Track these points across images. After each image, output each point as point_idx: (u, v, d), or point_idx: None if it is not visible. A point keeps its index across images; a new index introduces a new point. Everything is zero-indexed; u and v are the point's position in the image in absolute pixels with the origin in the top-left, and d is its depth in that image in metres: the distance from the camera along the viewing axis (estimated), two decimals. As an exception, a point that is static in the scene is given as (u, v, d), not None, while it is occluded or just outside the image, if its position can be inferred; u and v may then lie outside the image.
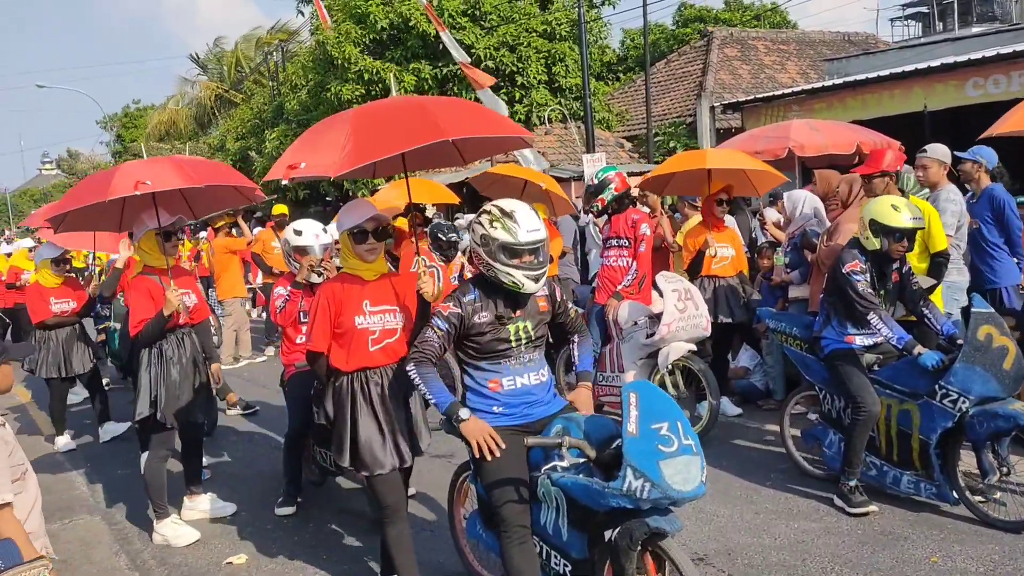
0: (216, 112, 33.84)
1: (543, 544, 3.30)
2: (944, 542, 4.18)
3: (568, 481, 3.04)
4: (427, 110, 3.76)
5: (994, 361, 4.23)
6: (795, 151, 8.23)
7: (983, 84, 10.48)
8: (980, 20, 27.22)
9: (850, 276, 4.56)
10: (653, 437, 2.79)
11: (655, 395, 2.92)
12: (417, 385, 3.23)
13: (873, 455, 4.74)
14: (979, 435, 4.26)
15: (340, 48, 17.47)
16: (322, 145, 3.74)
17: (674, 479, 2.75)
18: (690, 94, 19.18)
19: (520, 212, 3.25)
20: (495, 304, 3.34)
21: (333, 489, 5.51)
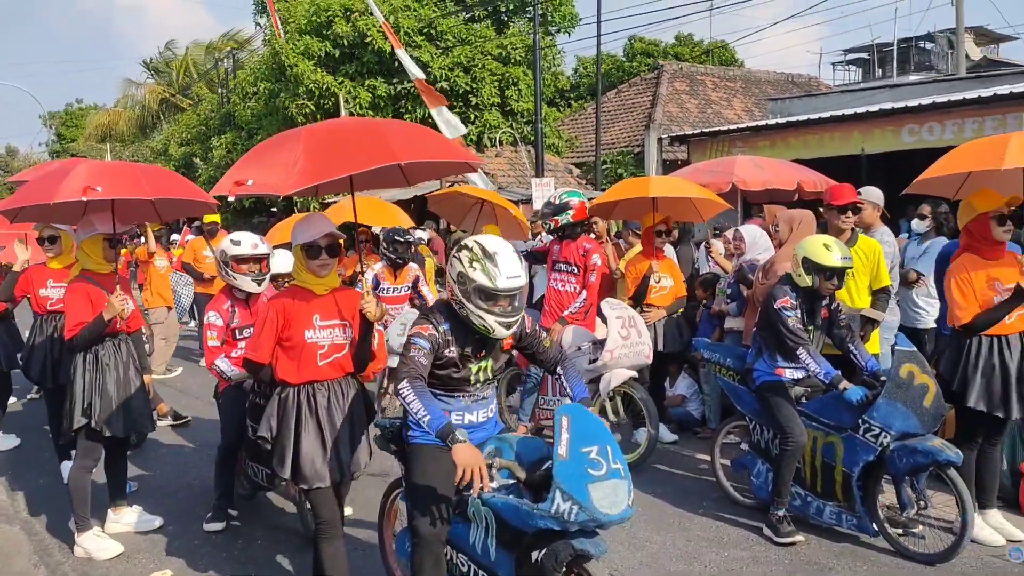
0: (161, 116, 33.23)
1: (471, 563, 3.32)
2: (867, 574, 4.29)
3: (498, 501, 3.07)
4: (379, 133, 3.76)
5: (915, 398, 4.38)
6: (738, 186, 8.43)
7: (918, 131, 10.88)
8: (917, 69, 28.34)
9: (781, 312, 4.71)
10: (583, 460, 2.82)
11: (587, 418, 2.96)
12: (409, 401, 3.06)
13: (799, 486, 4.85)
14: (899, 469, 4.40)
15: (293, 60, 17.33)
16: (271, 162, 3.69)
17: (601, 502, 2.79)
18: (639, 125, 19.51)
19: (502, 255, 3.17)
20: (462, 341, 3.28)
21: (264, 505, 5.42)
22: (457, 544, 3.39)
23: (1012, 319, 4.47)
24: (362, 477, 4.80)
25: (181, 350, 11.42)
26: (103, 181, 4.21)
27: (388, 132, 3.76)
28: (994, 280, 4.46)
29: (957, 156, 4.64)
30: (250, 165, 3.78)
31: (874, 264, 5.42)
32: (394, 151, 3.59)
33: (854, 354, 4.84)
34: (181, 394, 8.84)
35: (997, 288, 4.45)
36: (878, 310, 5.43)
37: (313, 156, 3.55)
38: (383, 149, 3.60)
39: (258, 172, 3.67)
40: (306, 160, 3.50)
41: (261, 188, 3.65)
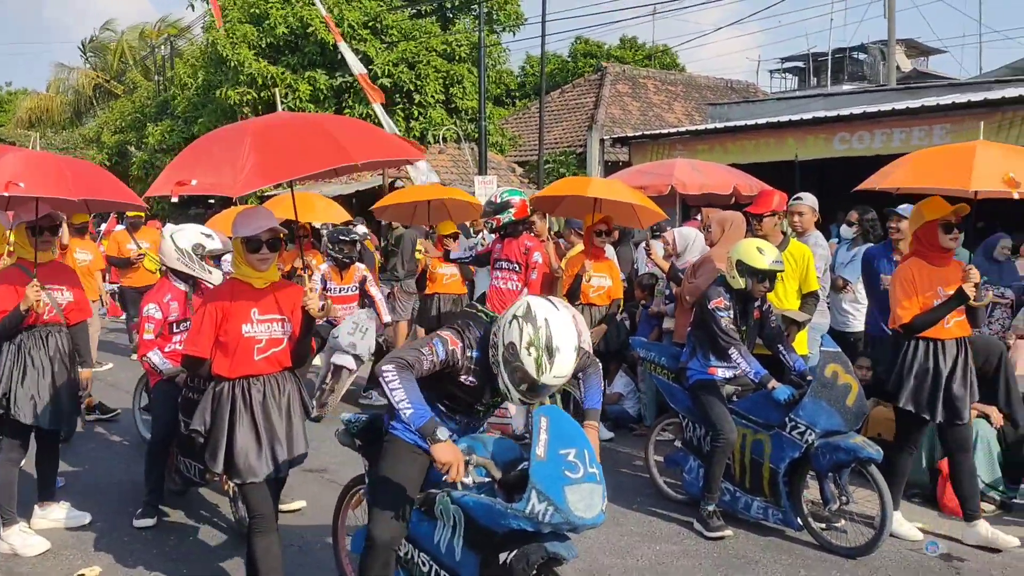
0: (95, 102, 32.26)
1: (433, 563, 3.23)
2: (791, 567, 4.44)
3: (470, 500, 3.00)
4: (329, 132, 3.64)
5: (838, 397, 4.57)
6: (677, 188, 8.59)
7: (849, 139, 11.22)
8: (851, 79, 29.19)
9: (715, 312, 4.87)
10: (560, 462, 2.78)
11: (565, 421, 2.92)
12: (393, 389, 2.92)
13: (728, 482, 5.00)
14: (822, 465, 4.57)
15: (233, 49, 17.03)
16: (216, 161, 3.55)
17: (577, 505, 2.75)
18: (581, 125, 19.70)
19: (563, 354, 2.92)
20: (483, 378, 3.15)
21: (197, 500, 5.34)
22: (420, 543, 3.29)
23: (950, 324, 4.55)
24: (298, 472, 4.78)
25: (109, 344, 11.15)
26: (27, 176, 4.02)
27: (338, 131, 3.67)
28: (938, 286, 4.53)
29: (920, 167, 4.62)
30: (191, 163, 3.63)
31: (803, 268, 5.59)
32: (348, 151, 3.52)
33: (783, 354, 5.01)
34: (111, 388, 8.63)
35: (940, 294, 4.52)
36: (806, 313, 5.60)
37: (262, 156, 3.43)
38: (336, 149, 3.52)
39: (202, 172, 3.53)
40: (256, 160, 3.39)
41: (207, 188, 3.54)
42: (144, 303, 4.99)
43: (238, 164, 3.37)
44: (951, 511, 5.12)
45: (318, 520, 4.96)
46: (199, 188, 3.49)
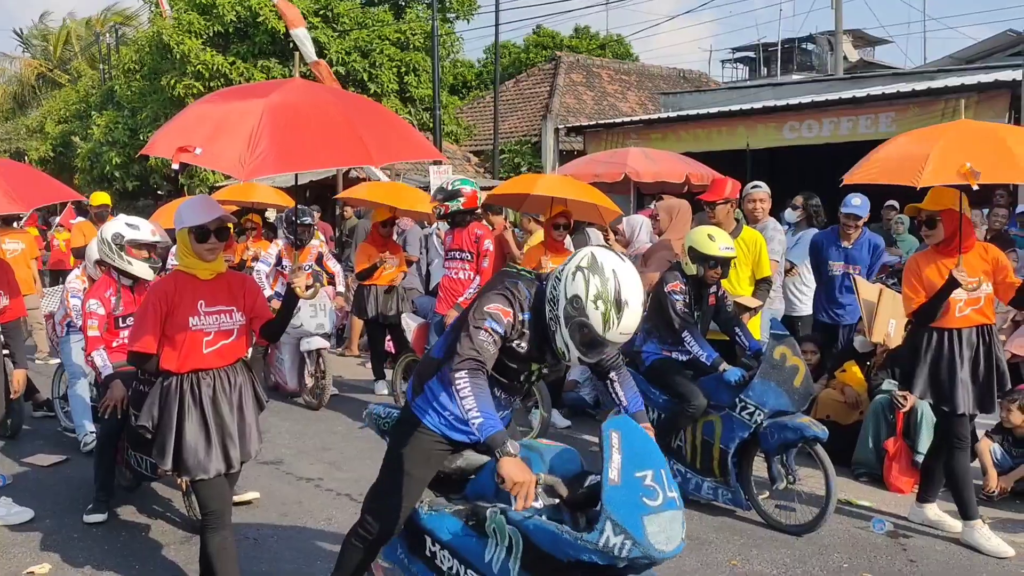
0: (38, 92, 31.38)
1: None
2: (743, 547, 4.53)
3: (531, 523, 2.65)
4: (354, 127, 3.35)
5: (787, 378, 4.71)
6: (631, 176, 8.68)
7: (798, 128, 11.43)
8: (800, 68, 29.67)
9: (671, 295, 5.00)
10: (637, 487, 2.46)
11: (639, 437, 2.59)
12: (464, 397, 2.71)
13: (680, 463, 5.12)
14: (770, 445, 4.70)
15: (179, 40, 16.68)
16: (224, 131, 3.21)
17: (658, 537, 2.43)
18: (536, 115, 19.71)
19: (631, 309, 2.70)
20: (536, 340, 2.91)
21: (148, 496, 5.26)
22: (468, 560, 2.96)
23: (965, 312, 4.39)
24: (253, 464, 4.75)
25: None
26: None
27: (361, 125, 3.38)
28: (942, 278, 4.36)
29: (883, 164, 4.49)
30: (195, 127, 3.30)
31: (756, 255, 5.68)
32: (370, 153, 3.27)
33: (739, 336, 5.16)
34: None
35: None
36: (758, 299, 5.70)
37: (279, 139, 3.13)
38: (359, 148, 3.27)
39: (208, 140, 3.19)
40: (271, 142, 3.10)
41: (211, 161, 3.27)
42: (85, 300, 4.88)
43: (250, 142, 3.08)
44: (897, 489, 5.26)
45: (273, 512, 4.94)
46: (203, 159, 3.19)
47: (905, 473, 5.30)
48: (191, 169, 17.45)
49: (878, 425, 5.50)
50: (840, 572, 4.26)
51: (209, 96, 3.64)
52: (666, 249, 6.30)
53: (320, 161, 3.32)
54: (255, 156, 3.05)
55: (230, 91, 3.72)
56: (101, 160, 19.09)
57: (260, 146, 3.07)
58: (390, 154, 3.47)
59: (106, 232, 4.90)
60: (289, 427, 6.81)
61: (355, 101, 3.79)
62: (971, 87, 10.02)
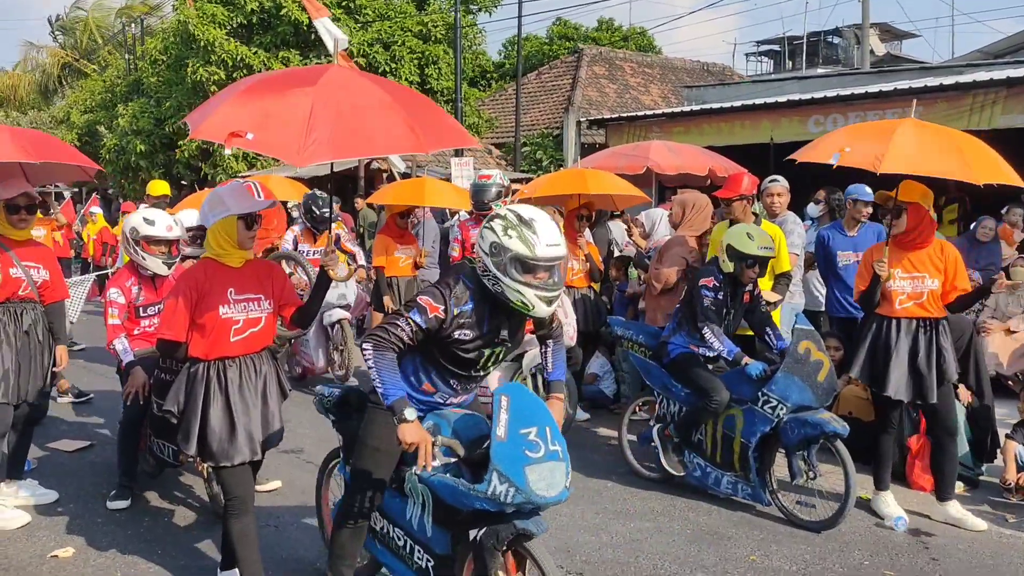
0: (64, 82, 31.69)
1: (407, 538, 3.30)
2: (763, 542, 4.51)
3: (436, 480, 3.01)
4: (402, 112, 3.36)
5: (810, 373, 4.67)
6: (653, 169, 8.62)
7: (823, 122, 11.28)
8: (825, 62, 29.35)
9: (702, 290, 4.97)
10: (521, 442, 2.79)
11: (527, 398, 2.92)
12: (370, 367, 2.98)
13: (699, 457, 5.12)
14: (791, 440, 4.68)
15: (204, 29, 16.78)
16: (275, 118, 3.21)
17: (538, 484, 2.77)
18: (558, 107, 19.65)
19: (540, 222, 2.96)
20: (486, 323, 3.08)
21: (170, 482, 5.31)
22: (394, 519, 3.37)
23: (906, 304, 4.64)
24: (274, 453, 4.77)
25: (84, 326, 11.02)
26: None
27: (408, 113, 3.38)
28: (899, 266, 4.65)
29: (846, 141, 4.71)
30: (245, 112, 3.28)
31: (776, 249, 5.63)
32: (420, 140, 3.28)
33: (769, 335, 5.10)
34: (85, 371, 8.55)
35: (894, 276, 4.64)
36: (778, 293, 5.66)
37: (333, 126, 3.13)
38: (409, 136, 3.29)
39: (259, 126, 3.18)
40: (325, 129, 3.10)
41: (265, 147, 3.28)
42: (107, 288, 4.94)
43: (303, 128, 3.09)
44: (919, 487, 5.21)
45: (294, 500, 4.97)
46: (255, 144, 3.20)
47: (927, 471, 5.23)
48: (214, 159, 17.57)
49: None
50: (860, 570, 4.23)
51: (250, 82, 3.55)
52: (680, 245, 6.27)
53: (374, 148, 3.31)
54: (310, 142, 3.06)
55: (271, 77, 3.66)
56: (127, 150, 19.24)
57: (315, 132, 3.09)
58: (440, 141, 3.50)
59: (127, 224, 4.98)
60: (310, 417, 6.82)
61: (399, 89, 3.80)
62: (1000, 82, 9.85)
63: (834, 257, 6.29)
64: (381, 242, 7.93)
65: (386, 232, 8.02)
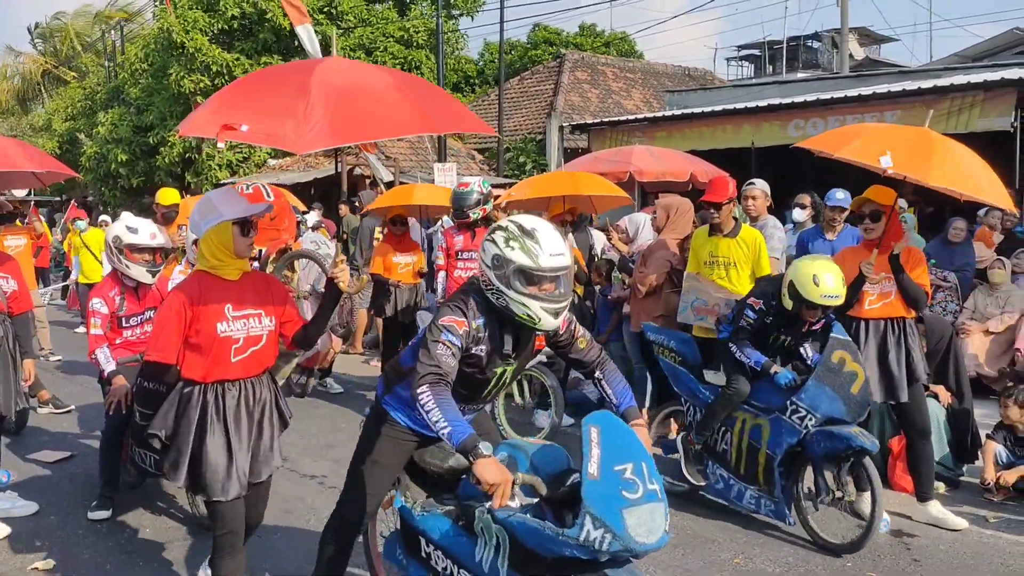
0: (43, 89, 31.44)
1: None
2: (747, 545, 4.53)
3: (515, 521, 2.67)
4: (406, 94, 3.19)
5: (843, 384, 4.42)
6: (635, 175, 8.67)
7: (803, 126, 11.37)
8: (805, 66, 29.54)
9: (745, 308, 4.73)
10: (616, 481, 2.48)
11: (619, 430, 2.63)
12: (429, 410, 2.71)
13: (723, 468, 4.91)
14: (816, 453, 4.43)
15: (187, 36, 16.72)
16: (272, 107, 3.02)
17: (638, 530, 2.44)
18: (541, 112, 19.70)
19: (542, 231, 2.85)
20: (495, 338, 2.96)
21: (152, 492, 5.27)
22: (459, 560, 2.98)
23: (875, 305, 4.69)
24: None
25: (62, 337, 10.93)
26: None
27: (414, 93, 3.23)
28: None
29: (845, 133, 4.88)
30: (240, 103, 3.10)
31: (755, 253, 5.65)
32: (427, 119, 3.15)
33: (804, 349, 4.81)
34: (65, 381, 8.48)
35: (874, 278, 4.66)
36: None
37: (334, 111, 2.94)
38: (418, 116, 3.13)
39: (255, 116, 3.00)
40: (326, 114, 2.92)
41: (261, 138, 3.11)
42: (89, 298, 4.91)
43: (302, 115, 2.89)
44: (901, 488, 5.25)
45: (276, 509, 4.93)
46: (250, 135, 2.97)
47: (909, 472, 5.27)
48: (196, 166, 17.49)
49: (883, 424, 5.49)
50: (844, 571, 4.25)
51: (244, 79, 3.38)
52: (663, 248, 6.29)
53: (380, 131, 3.11)
54: (310, 128, 2.86)
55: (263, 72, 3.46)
56: (107, 158, 19.13)
57: (313, 118, 2.88)
58: (450, 123, 3.32)
59: (109, 233, 4.94)
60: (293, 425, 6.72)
61: (401, 74, 3.63)
62: (977, 85, 9.96)
63: None
64: (380, 249, 7.94)
65: (385, 239, 8.05)
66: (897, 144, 4.42)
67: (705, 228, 5.81)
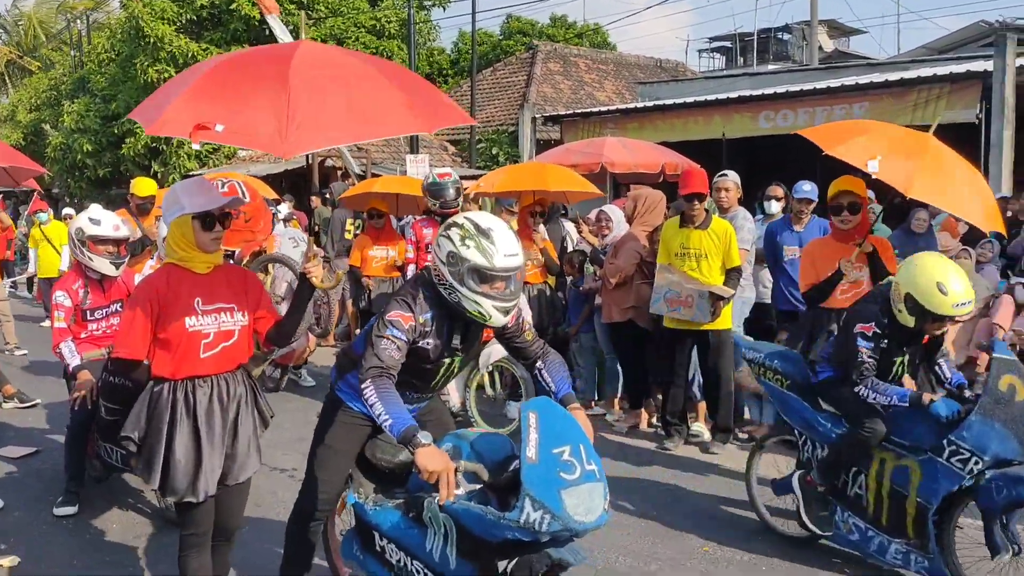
0: (7, 79, 30.85)
1: (427, 572, 2.96)
2: (716, 533, 4.57)
3: (460, 509, 2.72)
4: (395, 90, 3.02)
5: (1016, 418, 3.63)
6: (607, 167, 8.70)
7: (773, 117, 11.49)
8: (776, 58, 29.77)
9: (857, 339, 3.90)
10: (554, 463, 2.54)
11: (556, 415, 2.70)
12: (372, 404, 2.79)
13: (858, 516, 4.09)
14: (994, 504, 3.62)
15: (153, 25, 16.47)
16: (250, 104, 2.82)
17: (576, 510, 2.50)
18: (513, 104, 19.66)
19: (498, 231, 2.90)
20: (445, 332, 3.02)
21: (119, 487, 5.21)
22: (412, 551, 3.01)
23: (847, 295, 4.75)
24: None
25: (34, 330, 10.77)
26: None
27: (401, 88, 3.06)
28: (835, 262, 4.74)
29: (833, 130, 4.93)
30: (214, 100, 2.87)
31: (726, 245, 5.71)
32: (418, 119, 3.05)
33: (939, 367, 4.10)
34: (31, 376, 8.35)
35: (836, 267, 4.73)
36: (729, 287, 5.73)
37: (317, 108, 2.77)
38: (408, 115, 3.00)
39: (231, 115, 2.79)
40: (308, 113, 2.73)
41: (239, 139, 2.97)
42: (52, 291, 4.84)
43: (284, 114, 2.69)
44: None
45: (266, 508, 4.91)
46: (227, 136, 2.79)
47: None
48: (164, 156, 17.26)
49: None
50: (812, 561, 4.30)
51: (207, 66, 3.11)
52: (633, 240, 6.33)
53: (371, 131, 2.99)
54: (294, 129, 2.69)
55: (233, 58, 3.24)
56: (73, 148, 18.82)
57: (297, 117, 2.70)
58: (439, 118, 3.19)
59: (72, 225, 4.87)
60: (264, 418, 6.77)
61: (384, 63, 3.42)
62: (943, 77, 10.11)
63: (780, 251, 6.41)
64: (359, 242, 7.92)
65: (365, 232, 8.04)
66: (895, 148, 4.29)
67: (676, 220, 5.84)
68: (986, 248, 7.59)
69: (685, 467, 5.65)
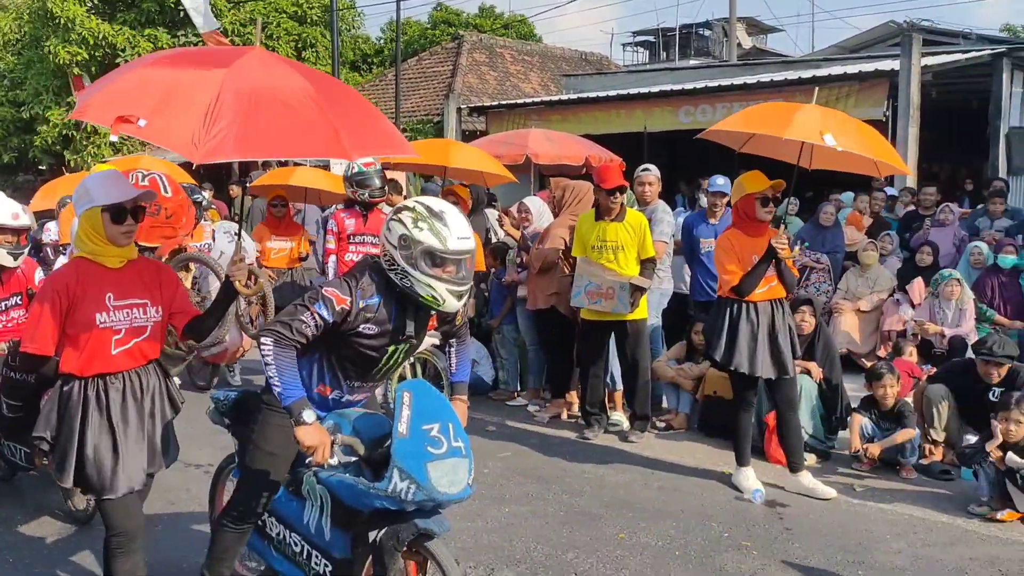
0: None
1: (304, 543, 3.14)
2: (631, 520, 4.68)
3: (334, 480, 2.92)
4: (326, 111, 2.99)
5: None
6: (532, 158, 8.77)
7: (693, 112, 11.73)
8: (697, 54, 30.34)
9: None
10: (423, 438, 2.75)
11: (430, 395, 2.87)
12: (268, 364, 2.83)
13: None
14: None
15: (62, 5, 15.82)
16: (174, 102, 2.78)
17: (440, 481, 2.73)
18: (439, 94, 19.56)
19: (450, 214, 2.90)
20: (392, 319, 2.98)
21: (26, 487, 5.04)
22: (290, 523, 3.17)
23: (762, 289, 4.90)
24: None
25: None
26: None
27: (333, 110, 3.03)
28: (752, 255, 4.88)
29: (750, 115, 5.17)
30: (138, 94, 2.84)
31: (641, 236, 5.81)
32: (344, 145, 2.96)
33: None
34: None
35: (754, 261, 4.87)
36: (645, 278, 5.85)
37: (240, 118, 2.74)
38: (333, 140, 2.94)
39: (153, 111, 2.75)
40: (230, 122, 2.71)
41: (157, 136, 2.88)
42: None
43: (206, 118, 2.68)
44: (776, 460, 5.52)
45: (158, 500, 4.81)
46: (147, 132, 2.77)
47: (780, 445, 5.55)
48: (75, 144, 16.64)
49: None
50: (721, 541, 4.45)
51: (154, 57, 3.10)
52: (559, 227, 6.41)
53: (288, 149, 2.99)
54: (212, 136, 2.68)
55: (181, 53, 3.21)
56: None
57: (218, 124, 2.69)
58: (368, 147, 3.21)
59: None
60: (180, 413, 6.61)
61: (328, 83, 3.42)
62: (853, 76, 10.49)
63: (697, 244, 6.57)
64: (257, 232, 7.76)
65: (264, 223, 7.87)
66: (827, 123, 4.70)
67: (591, 213, 5.92)
68: (885, 241, 7.94)
69: (604, 456, 5.77)
